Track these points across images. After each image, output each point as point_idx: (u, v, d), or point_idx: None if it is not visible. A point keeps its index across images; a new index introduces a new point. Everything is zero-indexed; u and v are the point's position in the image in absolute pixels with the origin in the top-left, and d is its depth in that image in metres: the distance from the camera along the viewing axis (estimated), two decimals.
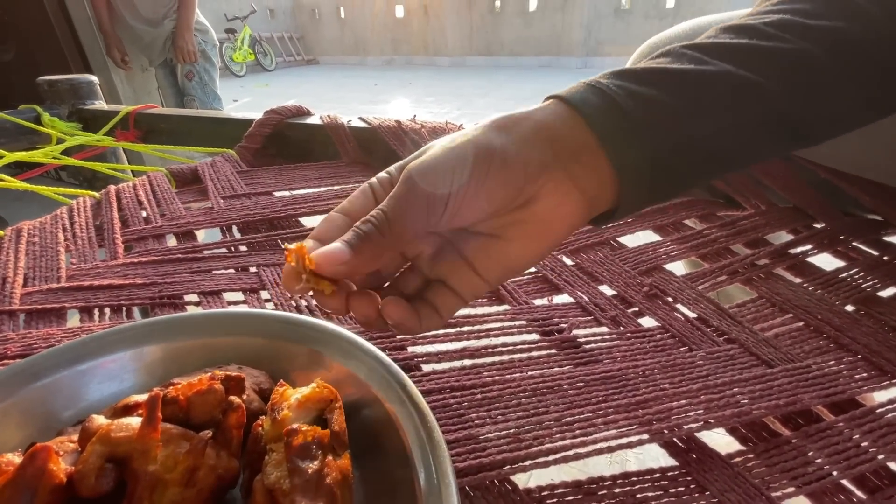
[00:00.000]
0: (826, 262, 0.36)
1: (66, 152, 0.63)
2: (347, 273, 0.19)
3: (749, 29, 0.22)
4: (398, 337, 0.29)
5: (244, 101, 5.25)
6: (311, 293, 0.20)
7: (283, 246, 0.20)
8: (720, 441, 0.24)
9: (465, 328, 0.30)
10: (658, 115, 0.20)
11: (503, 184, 0.19)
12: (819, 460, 0.22)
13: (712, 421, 0.24)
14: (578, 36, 7.67)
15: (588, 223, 0.22)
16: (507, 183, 0.19)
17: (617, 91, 0.20)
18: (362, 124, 0.55)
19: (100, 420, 0.17)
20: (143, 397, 0.20)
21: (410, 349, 0.28)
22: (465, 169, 0.19)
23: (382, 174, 0.21)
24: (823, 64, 0.21)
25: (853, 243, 0.37)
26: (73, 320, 0.30)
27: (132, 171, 0.68)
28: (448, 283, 0.22)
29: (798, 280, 0.34)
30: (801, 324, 0.30)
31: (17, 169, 0.59)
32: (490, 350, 0.28)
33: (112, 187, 0.45)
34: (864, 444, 0.23)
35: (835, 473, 0.21)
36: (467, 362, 0.27)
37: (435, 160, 0.19)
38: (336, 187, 0.48)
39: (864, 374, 0.26)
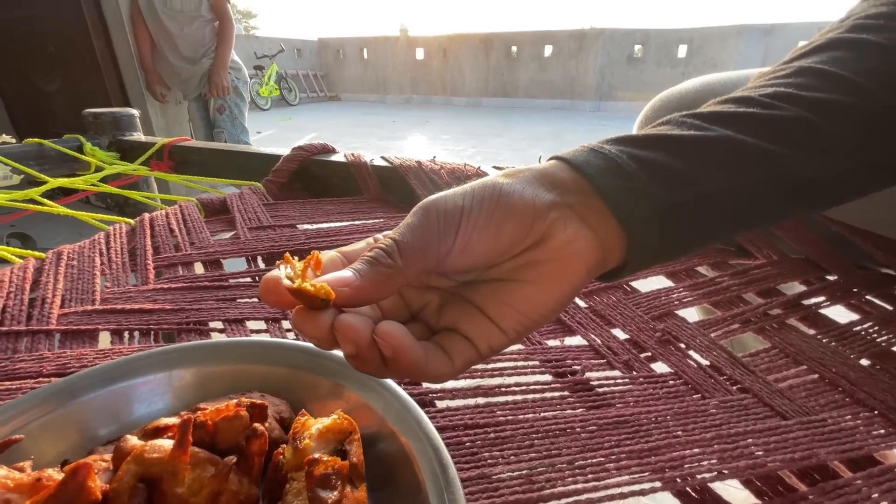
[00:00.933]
0: (840, 314, 0.36)
1: (104, 179, 0.67)
2: (350, 297, 0.17)
3: (746, 99, 0.22)
4: None
5: (268, 133, 5.46)
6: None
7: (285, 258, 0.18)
8: (735, 495, 0.24)
9: (479, 365, 0.30)
10: (661, 175, 0.20)
11: (513, 215, 0.19)
12: None
13: (726, 472, 0.23)
14: (592, 81, 7.92)
15: (599, 277, 0.22)
16: (517, 215, 0.19)
17: (618, 154, 0.21)
18: (384, 163, 0.57)
19: (133, 441, 0.18)
20: (172, 420, 0.20)
21: (426, 384, 0.29)
22: (475, 198, 0.19)
23: (388, 232, 0.21)
24: (821, 130, 0.22)
25: (867, 297, 0.37)
26: (104, 341, 0.31)
27: (162, 199, 0.72)
28: (460, 329, 0.20)
29: (812, 332, 0.34)
30: (816, 376, 0.30)
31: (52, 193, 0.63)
32: (503, 389, 0.29)
33: (146, 215, 0.48)
34: (884, 503, 0.22)
35: None
36: (481, 400, 0.28)
37: (445, 193, 0.20)
38: (357, 222, 0.49)
39: (882, 431, 0.26)
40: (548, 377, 0.30)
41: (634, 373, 0.30)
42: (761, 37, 6.95)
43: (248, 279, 0.39)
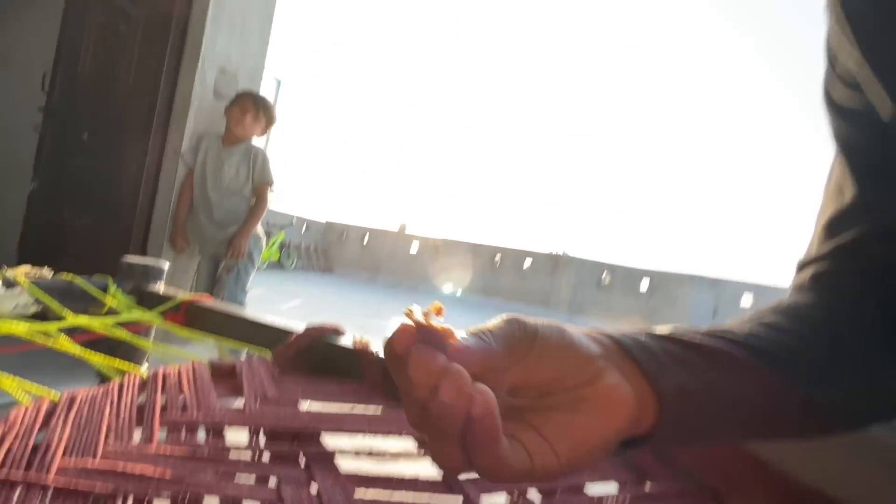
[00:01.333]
0: None
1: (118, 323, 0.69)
2: (461, 353, 0.19)
3: (725, 330, 0.27)
4: None
5: (256, 292, 5.58)
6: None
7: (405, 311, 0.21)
8: None
9: None
10: (681, 362, 0.24)
11: (574, 349, 0.22)
12: None
13: None
14: (565, 296, 8.72)
15: (631, 444, 0.24)
16: (577, 350, 0.22)
17: (644, 340, 0.25)
18: None
19: None
20: None
21: None
22: (544, 326, 0.23)
23: None
24: (790, 363, 0.26)
25: None
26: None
27: (167, 352, 0.73)
28: (515, 435, 0.21)
29: None
30: None
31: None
32: None
33: (160, 369, 0.50)
34: None
35: None
36: None
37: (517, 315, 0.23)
38: (357, 408, 0.51)
39: None
40: None
41: None
42: (710, 286, 8.05)
43: (248, 457, 0.39)
